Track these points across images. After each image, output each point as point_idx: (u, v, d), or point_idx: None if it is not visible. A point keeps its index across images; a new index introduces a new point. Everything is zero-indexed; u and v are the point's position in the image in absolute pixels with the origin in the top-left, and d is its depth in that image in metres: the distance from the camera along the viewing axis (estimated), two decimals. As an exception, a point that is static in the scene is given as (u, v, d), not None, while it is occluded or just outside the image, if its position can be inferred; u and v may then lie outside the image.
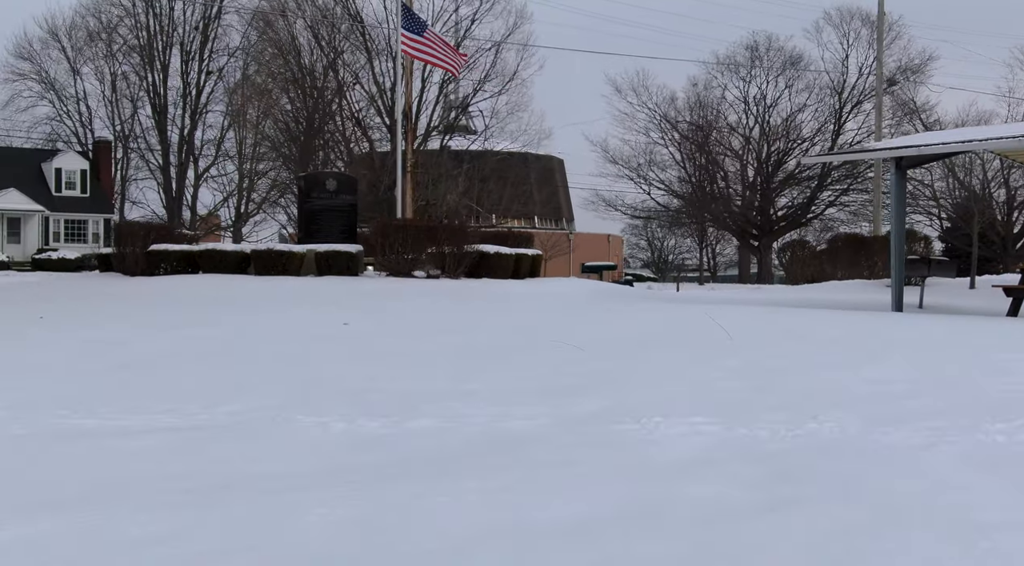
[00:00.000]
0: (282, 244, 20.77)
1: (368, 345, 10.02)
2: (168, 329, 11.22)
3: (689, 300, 21.60)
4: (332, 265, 20.99)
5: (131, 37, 67.34)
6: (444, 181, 56.37)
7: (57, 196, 56.52)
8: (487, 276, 22.37)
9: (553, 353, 9.30)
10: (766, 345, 10.40)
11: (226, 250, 20.66)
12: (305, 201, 23.85)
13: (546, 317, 13.70)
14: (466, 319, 13.17)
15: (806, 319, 13.97)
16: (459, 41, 59.84)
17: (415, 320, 12.87)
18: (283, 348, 9.55)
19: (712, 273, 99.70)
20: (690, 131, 63.43)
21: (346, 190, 24.18)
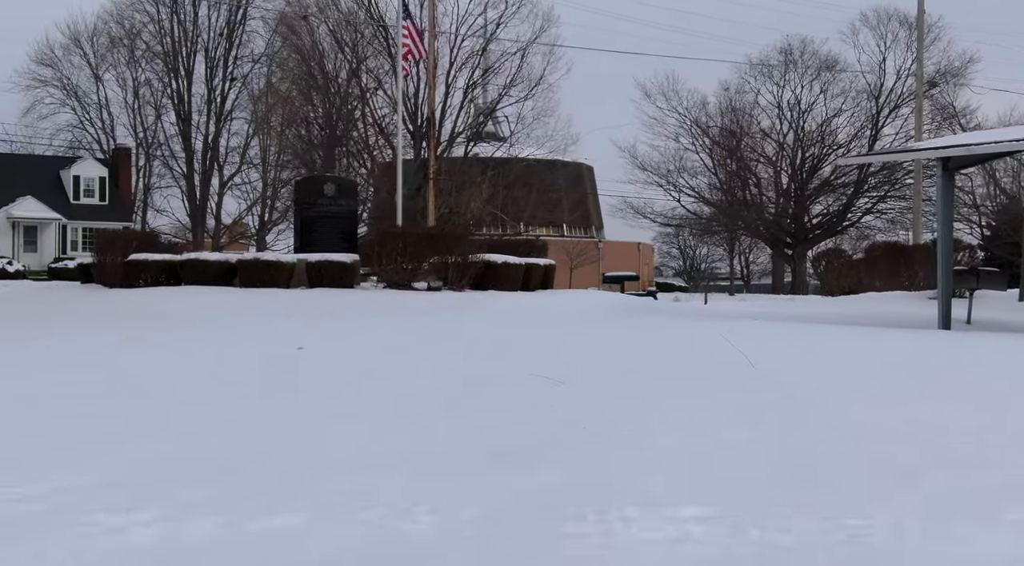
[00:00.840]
0: (270, 253, 18.94)
1: (310, 378, 8.16)
2: (67, 358, 9.41)
3: (714, 315, 19.63)
4: (324, 276, 19.21)
5: (155, 43, 66.09)
6: (468, 188, 54.61)
7: (75, 204, 55.22)
8: (494, 288, 20.51)
9: (530, 390, 7.42)
10: (794, 375, 8.47)
11: (209, 260, 18.91)
12: (302, 207, 22.11)
13: (544, 337, 11.81)
14: (451, 341, 11.31)
15: (843, 340, 12.00)
16: (485, 45, 58.16)
17: (388, 342, 11.01)
18: (186, 386, 7.67)
19: (745, 282, 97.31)
20: (722, 137, 61.31)
21: (346, 195, 22.41)
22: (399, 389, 7.49)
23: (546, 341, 11.06)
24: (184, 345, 10.40)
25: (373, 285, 19.81)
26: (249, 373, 8.36)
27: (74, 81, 63.83)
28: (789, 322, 16.57)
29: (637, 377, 8.28)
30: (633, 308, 19.43)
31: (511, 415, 6.43)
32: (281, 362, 8.95)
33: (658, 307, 21.30)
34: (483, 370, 8.56)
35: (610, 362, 9.24)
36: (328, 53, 59.47)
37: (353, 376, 8.24)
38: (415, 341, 10.94)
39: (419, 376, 8.18)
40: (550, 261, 22.60)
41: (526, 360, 9.19)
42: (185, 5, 68.22)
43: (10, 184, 53.04)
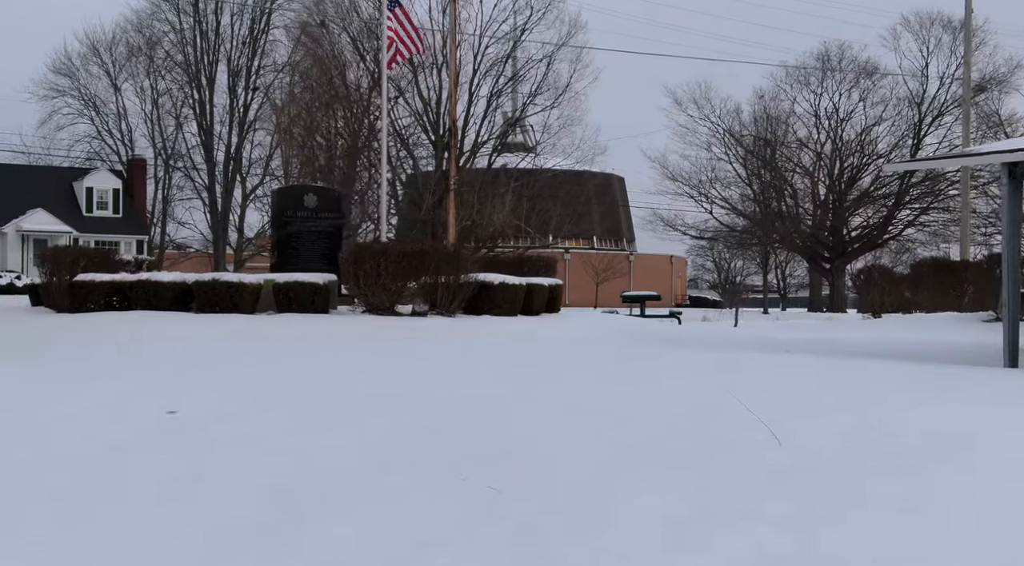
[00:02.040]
0: (231, 274, 16.40)
1: (139, 467, 5.54)
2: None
3: (743, 344, 16.84)
4: (294, 300, 16.65)
5: (175, 52, 64.02)
6: (491, 200, 51.99)
7: (88, 216, 53.12)
8: (490, 312, 17.89)
9: (437, 500, 4.78)
10: (835, 468, 5.76)
11: (162, 281, 16.38)
12: (279, 221, 19.58)
13: (519, 387, 9.15)
14: (395, 391, 8.68)
15: (897, 388, 9.24)
16: (510, 52, 55.58)
17: (306, 397, 8.37)
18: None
19: (782, 295, 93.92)
20: (756, 146, 58.32)
21: (328, 207, 19.87)
22: (298, 454, 4.86)
23: (515, 396, 8.39)
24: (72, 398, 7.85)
25: (352, 309, 17.20)
26: (65, 461, 5.75)
27: (92, 91, 61.95)
28: (828, 357, 13.79)
29: (612, 473, 5.59)
30: (647, 337, 16.70)
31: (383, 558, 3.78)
32: (107, 449, 6.34)
33: (679, 335, 18.53)
34: (404, 456, 5.92)
35: (584, 445, 6.53)
36: (350, 62, 57.14)
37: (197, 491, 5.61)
38: (364, 381, 8.32)
39: (345, 438, 5.54)
40: (556, 281, 19.92)
41: (469, 435, 6.54)
42: (207, 14, 66.31)
43: (21, 196, 51.06)
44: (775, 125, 58.43)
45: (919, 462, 5.77)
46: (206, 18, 65.91)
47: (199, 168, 65.10)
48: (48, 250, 19.19)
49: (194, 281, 16.37)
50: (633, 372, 10.28)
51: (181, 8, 64.51)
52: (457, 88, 52.39)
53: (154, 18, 64.01)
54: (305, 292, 16.60)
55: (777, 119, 58.70)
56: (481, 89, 54.84)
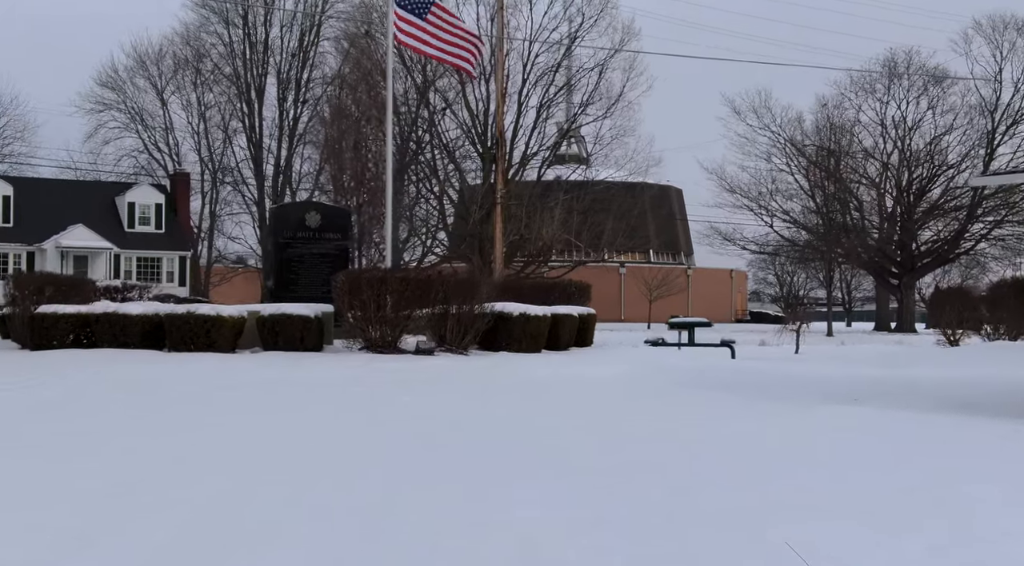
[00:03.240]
0: (208, 306, 14.17)
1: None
2: None
3: (801, 388, 14.22)
4: (280, 335, 14.39)
5: (224, 64, 62.54)
6: (539, 213, 49.63)
7: (129, 232, 51.60)
8: (507, 347, 15.50)
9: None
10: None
11: (130, 314, 14.20)
12: (278, 242, 17.38)
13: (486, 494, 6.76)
14: (323, 504, 6.32)
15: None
16: (560, 61, 53.21)
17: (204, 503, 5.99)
18: None
19: (846, 309, 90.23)
20: (819, 156, 55.27)
21: (334, 227, 17.64)
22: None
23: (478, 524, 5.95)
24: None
25: (350, 344, 14.90)
26: None
27: (139, 104, 60.67)
28: (915, 409, 11.17)
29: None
30: (690, 383, 14.15)
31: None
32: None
33: (729, 374, 15.91)
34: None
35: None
36: (398, 72, 55.15)
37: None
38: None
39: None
40: (587, 310, 17.45)
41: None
42: (257, 25, 64.88)
43: (62, 212, 49.69)
44: (839, 134, 55.36)
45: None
46: (255, 30, 64.45)
47: (248, 182, 63.64)
48: (11, 275, 17.18)
49: (166, 314, 14.17)
50: (673, 429, 7.80)
51: (230, 20, 63.15)
52: (505, 99, 50.21)
53: (203, 30, 62.65)
54: (293, 326, 14.34)
55: (841, 128, 55.63)
56: (530, 99, 52.52)
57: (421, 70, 53.72)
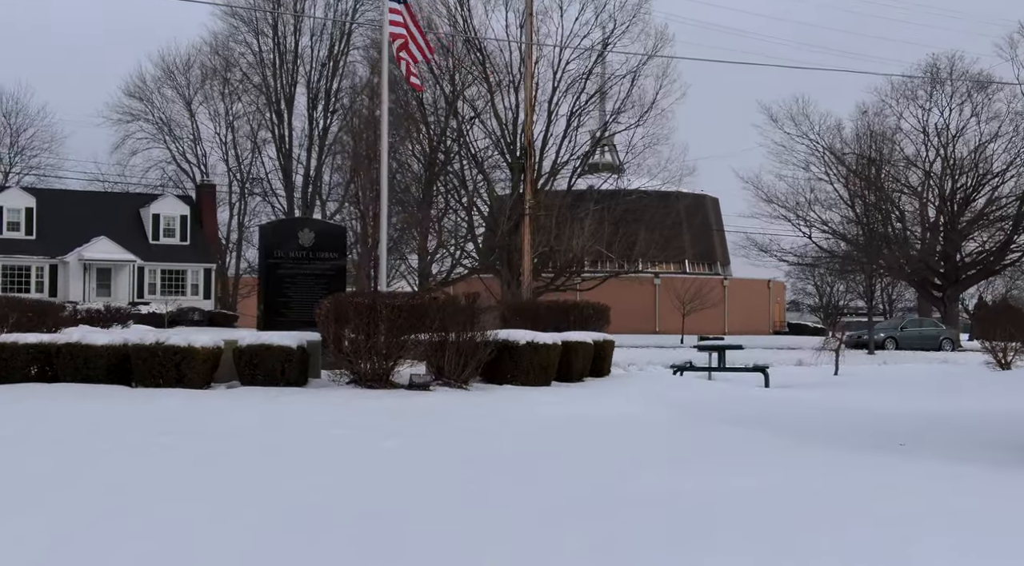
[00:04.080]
0: (179, 335, 12.72)
1: None
2: None
3: (841, 428, 12.59)
4: (258, 368, 12.93)
5: (253, 74, 61.61)
6: (569, 224, 48.03)
7: (154, 244, 50.55)
8: (513, 380, 13.94)
9: None
10: None
11: (95, 345, 12.79)
12: (267, 263, 15.95)
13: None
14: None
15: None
16: (591, 68, 51.60)
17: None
18: None
19: (888, 319, 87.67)
20: (859, 165, 53.31)
21: (329, 245, 16.18)
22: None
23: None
24: None
25: (338, 378, 13.41)
26: None
27: (166, 114, 59.81)
28: (978, 461, 9.51)
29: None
30: (718, 418, 12.55)
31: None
32: None
33: (761, 408, 14.24)
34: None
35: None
36: (427, 80, 53.79)
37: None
38: None
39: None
40: (603, 336, 15.85)
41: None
42: (286, 35, 63.98)
43: (87, 224, 48.73)
44: (880, 142, 53.36)
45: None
46: (285, 39, 63.56)
47: (277, 193, 62.65)
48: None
49: (133, 345, 12.76)
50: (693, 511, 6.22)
51: (259, 30, 62.27)
52: (535, 107, 48.70)
53: (231, 39, 61.79)
54: (273, 358, 12.86)
55: (882, 136, 53.62)
56: (560, 107, 50.91)
57: (450, 79, 52.41)
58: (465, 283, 57.62)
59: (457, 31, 52.15)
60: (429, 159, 52.85)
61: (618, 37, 51.61)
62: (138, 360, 12.71)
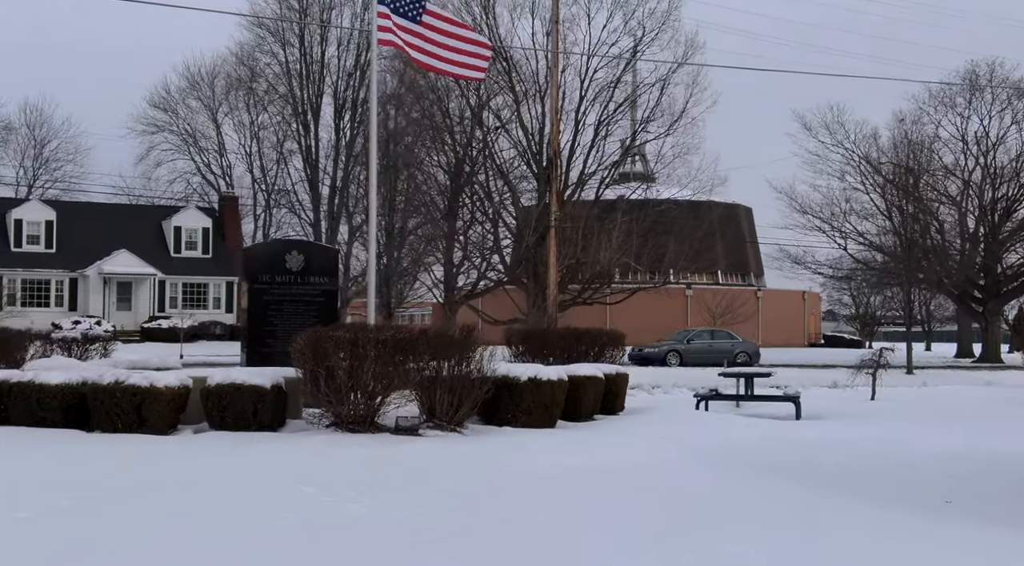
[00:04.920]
0: (140, 373, 11.37)
1: None
2: None
3: (880, 476, 11.10)
4: (228, 410, 11.59)
5: (279, 84, 60.68)
6: (596, 235, 46.57)
7: (175, 257, 49.57)
8: (513, 421, 12.52)
9: None
10: None
11: (48, 384, 11.49)
12: (252, 288, 14.63)
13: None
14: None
15: None
16: (619, 76, 50.14)
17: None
18: None
19: (926, 330, 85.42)
20: (896, 174, 51.43)
21: (319, 269, 14.85)
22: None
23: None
24: None
25: (318, 419, 12.03)
26: None
27: (191, 125, 58.97)
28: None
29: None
30: (743, 469, 11.06)
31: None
32: None
33: (790, 451, 12.73)
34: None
35: None
36: (452, 91, 52.56)
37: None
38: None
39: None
40: (616, 369, 14.40)
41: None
42: (312, 45, 63.02)
43: (106, 237, 47.83)
44: (917, 151, 51.46)
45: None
46: (311, 49, 62.62)
47: (304, 204, 61.62)
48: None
49: (90, 384, 11.47)
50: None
51: (286, 40, 61.39)
52: (561, 116, 47.28)
53: (258, 50, 60.94)
54: (243, 400, 11.51)
55: (920, 144, 51.72)
56: (588, 117, 49.55)
57: (475, 90, 51.11)
58: (492, 295, 56.29)
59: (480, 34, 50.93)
60: (455, 170, 51.59)
61: (647, 44, 50.16)
62: (95, 402, 11.42)
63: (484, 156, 50.85)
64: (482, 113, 50.40)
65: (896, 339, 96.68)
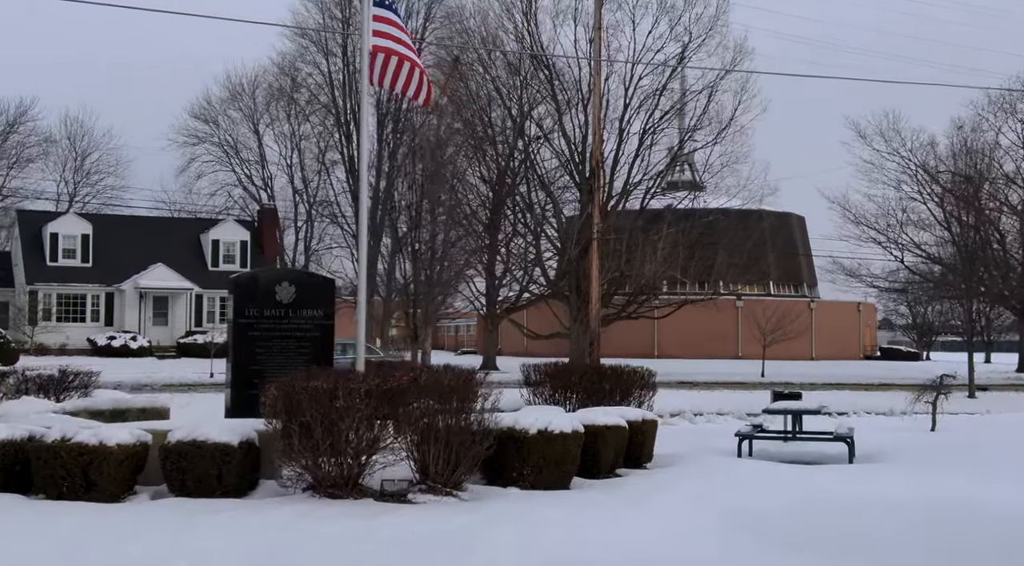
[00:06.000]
0: (89, 430, 9.82)
1: None
2: None
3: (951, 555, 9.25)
4: (188, 473, 10.01)
5: (321, 94, 59.61)
6: (641, 248, 44.72)
7: (213, 271, 48.42)
8: (520, 481, 10.83)
9: None
10: None
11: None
12: (238, 323, 13.08)
13: None
14: None
15: None
16: (665, 83, 48.20)
17: None
18: None
19: (986, 340, 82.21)
20: (954, 183, 49.01)
21: (312, 301, 13.25)
22: None
23: None
24: None
25: (294, 481, 10.40)
26: None
27: (232, 136, 57.98)
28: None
29: None
30: (784, 545, 9.30)
31: None
32: None
33: (846, 514, 10.90)
34: None
35: None
36: (496, 97, 51.01)
37: None
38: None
39: None
40: (643, 415, 12.64)
41: None
42: (355, 54, 61.89)
43: (143, 251, 46.84)
44: (977, 159, 48.99)
45: None
46: (354, 59, 61.53)
47: (346, 215, 60.44)
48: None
49: (34, 444, 9.96)
50: None
51: (328, 50, 60.33)
52: (604, 125, 45.48)
53: (300, 60, 59.92)
54: (205, 461, 9.92)
55: (979, 152, 49.25)
56: (632, 125, 47.73)
57: (517, 99, 49.53)
58: (535, 308, 54.55)
59: (524, 48, 49.28)
60: (497, 181, 50.02)
61: (694, 50, 48.24)
62: (38, 462, 9.91)
63: (525, 167, 49.24)
64: (524, 123, 48.79)
65: (954, 349, 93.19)
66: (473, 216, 51.19)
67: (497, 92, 49.25)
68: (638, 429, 12.34)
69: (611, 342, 52.01)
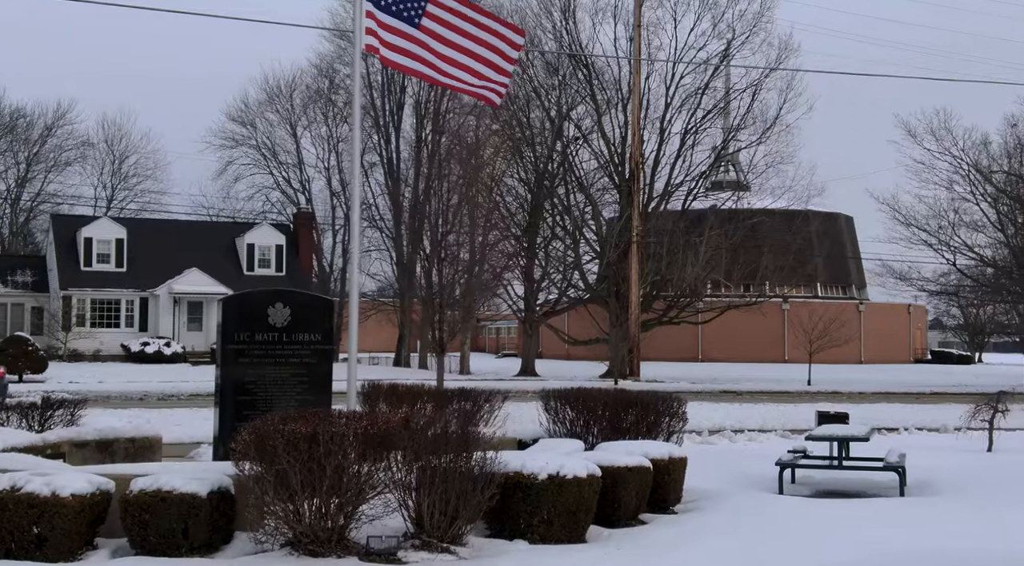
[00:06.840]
0: (41, 478, 8.66)
1: None
2: None
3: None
4: (150, 527, 8.83)
5: (359, 95, 58.35)
6: (682, 251, 43.24)
7: (248, 275, 47.54)
8: (527, 533, 9.54)
9: None
10: None
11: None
12: (226, 348, 11.89)
13: None
14: None
15: None
16: (707, 82, 46.63)
17: None
18: None
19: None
20: (1008, 183, 46.97)
21: (309, 324, 12.04)
22: None
23: None
24: None
25: (271, 535, 9.15)
26: None
27: (270, 139, 57.15)
28: None
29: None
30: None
31: None
32: None
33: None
34: None
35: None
36: (532, 101, 49.73)
37: None
38: None
39: None
40: (671, 451, 11.28)
41: None
42: (394, 55, 60.84)
43: (178, 255, 46.08)
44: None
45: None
46: (393, 59, 60.61)
47: (384, 218, 59.39)
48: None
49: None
50: None
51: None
52: (643, 126, 44.05)
53: (338, 61, 58.97)
54: (170, 515, 8.73)
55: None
56: (674, 125, 46.29)
57: (556, 100, 48.19)
58: (574, 312, 53.15)
59: (562, 47, 47.95)
60: (536, 183, 48.71)
61: (737, 48, 46.71)
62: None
63: (564, 169, 47.94)
64: (562, 124, 47.48)
65: (1007, 350, 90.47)
66: (511, 218, 49.97)
67: (535, 92, 47.99)
68: (664, 468, 10.99)
69: (654, 346, 50.56)
